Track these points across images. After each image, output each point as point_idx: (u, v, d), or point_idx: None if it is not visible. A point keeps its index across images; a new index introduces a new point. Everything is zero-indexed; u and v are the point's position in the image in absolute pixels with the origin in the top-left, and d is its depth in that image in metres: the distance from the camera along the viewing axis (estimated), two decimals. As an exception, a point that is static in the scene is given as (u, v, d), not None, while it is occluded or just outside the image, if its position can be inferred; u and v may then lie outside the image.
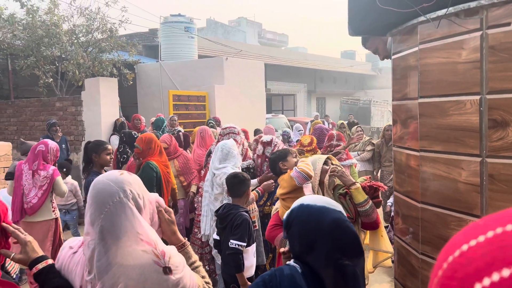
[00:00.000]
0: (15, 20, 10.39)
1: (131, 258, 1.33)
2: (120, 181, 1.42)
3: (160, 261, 1.36)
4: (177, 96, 10.23)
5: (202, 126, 6.10)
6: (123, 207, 1.38)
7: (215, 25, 36.56)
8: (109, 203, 1.37)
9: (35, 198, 4.35)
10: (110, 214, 1.36)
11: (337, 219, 1.49)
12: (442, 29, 1.93)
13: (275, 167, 3.43)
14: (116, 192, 1.39)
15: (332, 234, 1.45)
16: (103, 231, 1.35)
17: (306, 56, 30.40)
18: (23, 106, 9.86)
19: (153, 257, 1.35)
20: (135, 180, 1.49)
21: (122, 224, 1.36)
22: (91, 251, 1.36)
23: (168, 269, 1.36)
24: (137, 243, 1.35)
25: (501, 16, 1.68)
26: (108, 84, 8.68)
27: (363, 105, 25.11)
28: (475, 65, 1.78)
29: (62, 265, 1.50)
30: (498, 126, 1.71)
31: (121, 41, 11.65)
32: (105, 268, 1.32)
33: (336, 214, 1.50)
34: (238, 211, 3.14)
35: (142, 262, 1.33)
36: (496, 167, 1.73)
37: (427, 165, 2.07)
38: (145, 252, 1.35)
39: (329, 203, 1.54)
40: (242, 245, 3.05)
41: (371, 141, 6.98)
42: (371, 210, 2.95)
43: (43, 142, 4.59)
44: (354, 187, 2.99)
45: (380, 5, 2.13)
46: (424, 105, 2.07)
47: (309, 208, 1.51)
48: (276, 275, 1.48)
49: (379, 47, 2.84)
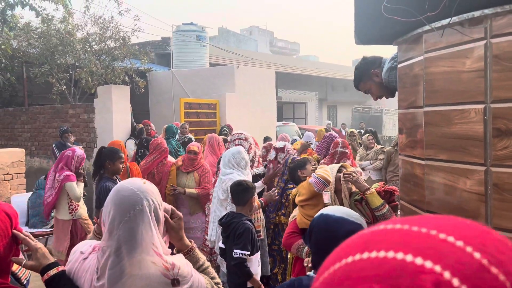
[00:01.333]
0: (31, 29, 10.61)
1: (139, 268, 1.34)
2: (144, 190, 1.43)
3: (169, 273, 1.37)
4: (188, 104, 10.31)
5: (211, 134, 6.15)
6: (143, 216, 1.38)
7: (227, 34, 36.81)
8: (131, 211, 1.38)
9: (49, 197, 4.85)
10: (129, 222, 1.37)
11: (353, 231, 1.47)
12: (447, 38, 1.94)
13: (294, 175, 3.50)
14: (140, 201, 1.39)
15: None
16: (121, 239, 1.36)
17: (317, 64, 30.42)
18: (37, 113, 10.03)
19: (162, 269, 1.36)
20: (156, 190, 1.50)
21: (140, 234, 1.36)
22: (105, 259, 1.37)
23: (176, 281, 1.37)
24: (148, 253, 1.36)
25: (505, 25, 1.69)
26: (120, 92, 8.79)
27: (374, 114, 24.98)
28: (480, 74, 1.78)
29: (72, 269, 1.52)
30: (502, 135, 1.70)
31: (134, 49, 11.80)
32: (117, 277, 1.33)
33: (354, 226, 1.49)
34: (241, 220, 3.14)
35: (150, 272, 1.34)
36: (501, 176, 1.72)
37: (432, 174, 2.06)
38: (154, 263, 1.36)
39: (349, 214, 1.53)
40: (246, 254, 3.05)
41: (383, 150, 6.94)
42: (388, 213, 2.95)
43: (72, 149, 5.08)
44: (369, 192, 3.00)
45: (386, 15, 2.14)
46: (429, 114, 2.07)
47: (328, 218, 1.52)
48: (295, 284, 1.48)
49: (371, 88, 2.86)
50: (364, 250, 0.43)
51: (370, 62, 2.84)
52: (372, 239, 0.44)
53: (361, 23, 2.52)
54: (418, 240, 0.41)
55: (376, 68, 2.80)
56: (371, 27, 2.45)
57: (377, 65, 2.82)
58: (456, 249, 0.40)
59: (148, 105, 12.44)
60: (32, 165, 9.90)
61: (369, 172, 6.74)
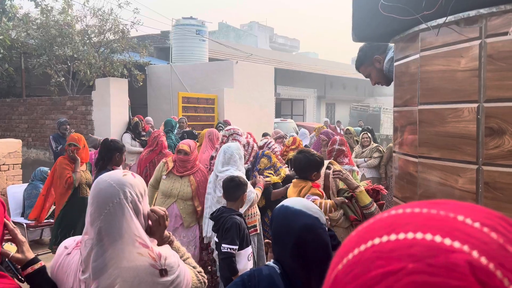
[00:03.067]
0: (29, 20, 10.58)
1: (126, 260, 1.34)
2: (122, 183, 1.42)
3: (157, 264, 1.37)
4: (186, 98, 10.31)
5: (210, 128, 6.15)
6: (122, 209, 1.38)
7: (227, 29, 36.73)
8: (109, 204, 1.38)
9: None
10: (109, 215, 1.37)
11: (308, 224, 1.47)
12: (443, 37, 1.95)
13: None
14: (117, 193, 1.39)
15: (299, 239, 1.45)
16: (102, 231, 1.36)
17: (316, 61, 30.41)
18: (35, 104, 10.02)
19: (149, 260, 1.37)
20: (137, 182, 1.48)
21: (121, 226, 1.37)
22: (88, 251, 1.37)
23: (164, 271, 1.38)
24: (133, 245, 1.37)
25: (500, 25, 1.70)
26: (118, 85, 8.78)
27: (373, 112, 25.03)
28: (474, 73, 1.80)
29: (55, 264, 1.51)
30: (494, 134, 1.72)
31: (133, 43, 11.78)
32: (101, 269, 1.33)
33: (311, 219, 1.48)
34: (230, 215, 3.16)
35: (138, 264, 1.35)
36: (492, 175, 1.74)
37: (425, 172, 2.08)
38: (141, 254, 1.37)
39: (308, 207, 1.52)
40: (234, 248, 3.06)
41: (378, 148, 6.96)
42: (376, 212, 3.00)
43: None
44: (358, 190, 3.05)
45: (383, 12, 2.15)
46: (423, 112, 2.09)
47: (287, 210, 1.53)
48: (255, 275, 1.50)
49: (371, 73, 2.88)
50: (390, 232, 0.44)
51: (374, 47, 2.85)
52: (397, 222, 0.46)
53: (359, 20, 2.53)
54: (442, 223, 0.44)
55: (380, 54, 2.82)
56: (368, 25, 2.46)
57: (381, 51, 2.83)
58: (475, 230, 0.43)
59: (146, 99, 12.43)
60: (29, 156, 9.90)
61: (363, 169, 6.76)
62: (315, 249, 1.45)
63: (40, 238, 6.33)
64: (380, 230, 0.45)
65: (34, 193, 6.19)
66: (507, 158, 1.68)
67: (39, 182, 6.30)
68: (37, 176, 6.35)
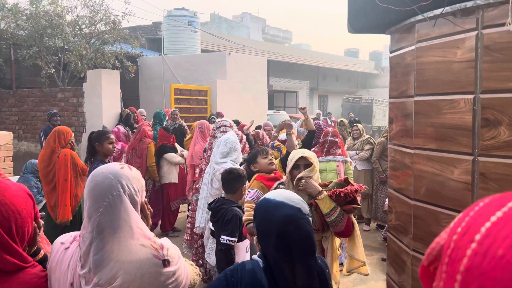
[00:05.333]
0: (19, 10, 10.40)
1: (129, 253, 1.33)
2: (119, 175, 1.41)
3: (159, 254, 1.36)
4: (179, 90, 10.24)
5: (201, 120, 6.13)
6: (121, 201, 1.37)
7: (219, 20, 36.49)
8: (108, 197, 1.36)
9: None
10: (109, 208, 1.35)
11: (289, 215, 1.46)
12: (439, 28, 1.95)
13: (248, 170, 3.53)
14: (115, 186, 1.38)
15: (281, 231, 1.44)
16: (101, 225, 1.34)
17: (309, 53, 30.36)
18: (25, 96, 9.90)
19: (152, 251, 1.35)
20: (134, 175, 1.47)
21: (120, 218, 1.35)
22: (87, 245, 1.35)
23: (167, 262, 1.36)
24: (135, 237, 1.35)
25: (497, 16, 1.70)
26: (110, 76, 8.70)
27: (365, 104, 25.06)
28: (470, 65, 1.80)
29: (53, 260, 1.49)
30: (490, 125, 1.72)
31: (124, 34, 11.66)
32: (102, 263, 1.32)
33: (291, 210, 1.47)
34: (230, 207, 3.16)
35: (140, 256, 1.33)
36: (488, 166, 1.74)
37: (421, 163, 2.09)
38: (143, 246, 1.35)
39: (289, 198, 1.51)
40: (233, 240, 3.07)
41: (370, 140, 6.96)
42: (337, 220, 2.63)
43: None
44: (320, 197, 2.65)
45: (380, 3, 2.14)
46: (419, 103, 2.09)
47: (268, 202, 1.52)
48: (238, 270, 1.50)
49: None
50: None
51: None
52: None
53: (354, 11, 2.52)
54: None
55: None
56: (364, 16, 2.45)
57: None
58: None
59: (138, 91, 12.33)
60: (20, 149, 9.80)
61: (355, 162, 6.77)
62: (298, 241, 1.44)
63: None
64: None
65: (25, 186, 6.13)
66: (503, 149, 1.69)
67: (30, 174, 6.25)
68: (28, 169, 6.29)
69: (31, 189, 6.13)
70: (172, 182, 6.21)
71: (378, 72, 35.32)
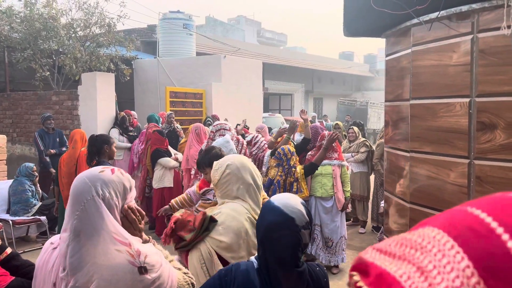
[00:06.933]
0: (13, 13, 10.34)
1: (105, 257, 1.32)
2: (95, 179, 1.41)
3: (135, 261, 1.34)
4: (174, 93, 10.22)
5: (197, 123, 6.13)
6: (95, 205, 1.37)
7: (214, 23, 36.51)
8: (84, 201, 1.37)
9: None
10: (84, 212, 1.36)
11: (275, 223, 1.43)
12: (435, 32, 1.96)
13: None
14: (90, 190, 1.38)
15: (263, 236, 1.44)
16: (77, 228, 1.35)
17: (304, 56, 30.43)
18: (19, 99, 9.84)
19: (128, 257, 1.34)
20: (114, 179, 1.45)
21: (96, 222, 1.35)
22: (65, 247, 1.35)
23: (143, 269, 1.34)
24: (111, 242, 1.35)
25: (492, 20, 1.71)
26: (105, 79, 8.67)
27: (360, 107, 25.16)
28: (466, 68, 1.81)
29: (41, 260, 1.49)
30: (486, 128, 1.73)
31: (119, 36, 11.62)
32: (78, 265, 1.31)
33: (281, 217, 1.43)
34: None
35: (116, 262, 1.32)
36: (484, 169, 1.75)
37: (417, 166, 2.09)
38: (119, 251, 1.34)
39: (287, 205, 1.46)
40: None
41: (365, 143, 6.98)
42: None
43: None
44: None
45: (375, 7, 2.15)
46: (415, 107, 2.10)
47: (267, 205, 1.51)
48: (232, 269, 1.50)
49: None
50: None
51: None
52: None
53: (350, 15, 2.53)
54: None
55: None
56: (360, 20, 2.46)
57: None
58: None
59: (133, 94, 12.30)
60: (14, 152, 9.73)
61: (351, 164, 6.78)
62: (276, 250, 1.41)
63: (26, 234, 6.24)
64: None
65: (19, 189, 6.09)
66: (499, 152, 1.69)
67: (24, 178, 6.21)
68: (22, 172, 6.25)
69: (25, 193, 6.09)
70: (166, 186, 6.18)
71: (373, 75, 35.47)
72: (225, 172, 2.09)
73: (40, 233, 6.30)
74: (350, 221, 7.15)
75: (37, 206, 6.15)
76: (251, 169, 2.12)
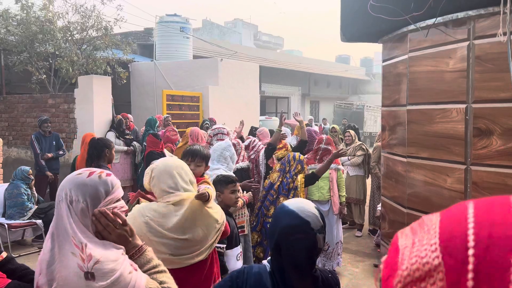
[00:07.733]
0: (9, 16, 10.33)
1: (64, 258, 1.36)
2: (67, 182, 1.47)
3: (83, 266, 1.33)
4: (170, 96, 10.22)
5: (193, 127, 6.12)
6: (62, 207, 1.43)
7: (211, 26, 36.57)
8: (58, 201, 1.45)
9: None
10: (56, 213, 1.43)
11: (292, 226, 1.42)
12: (431, 38, 1.97)
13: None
14: (61, 192, 1.45)
15: (279, 238, 1.44)
16: (52, 228, 1.42)
17: (301, 59, 30.51)
18: (15, 102, 9.80)
19: (78, 260, 1.34)
20: (87, 182, 1.46)
21: (63, 224, 1.41)
22: (44, 244, 1.43)
23: (90, 275, 1.32)
24: (69, 244, 1.38)
25: (488, 27, 1.72)
26: (101, 82, 8.65)
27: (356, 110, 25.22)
28: (462, 74, 1.82)
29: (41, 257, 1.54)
30: (482, 134, 1.74)
31: (116, 40, 11.62)
32: (48, 262, 1.37)
33: (296, 220, 1.43)
34: None
35: (68, 264, 1.35)
36: (480, 175, 1.76)
37: (414, 171, 2.10)
38: (73, 254, 1.36)
39: (302, 209, 1.46)
40: (222, 247, 3.04)
41: (362, 146, 6.99)
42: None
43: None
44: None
45: (372, 13, 2.16)
46: (412, 112, 2.11)
47: (282, 208, 1.51)
48: (245, 272, 1.51)
49: None
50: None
51: None
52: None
53: (347, 20, 2.54)
54: None
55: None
56: (356, 25, 2.47)
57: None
58: None
59: (130, 97, 12.28)
60: (10, 155, 9.70)
61: (347, 168, 6.79)
62: (291, 254, 1.41)
63: (22, 238, 6.21)
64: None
65: (15, 193, 6.07)
66: (495, 158, 1.70)
67: (20, 181, 6.18)
68: (18, 176, 6.22)
69: (21, 196, 6.06)
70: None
71: (369, 78, 35.61)
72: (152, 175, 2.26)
73: (36, 237, 6.26)
74: (346, 224, 7.16)
75: (33, 210, 6.13)
76: (172, 172, 2.23)
